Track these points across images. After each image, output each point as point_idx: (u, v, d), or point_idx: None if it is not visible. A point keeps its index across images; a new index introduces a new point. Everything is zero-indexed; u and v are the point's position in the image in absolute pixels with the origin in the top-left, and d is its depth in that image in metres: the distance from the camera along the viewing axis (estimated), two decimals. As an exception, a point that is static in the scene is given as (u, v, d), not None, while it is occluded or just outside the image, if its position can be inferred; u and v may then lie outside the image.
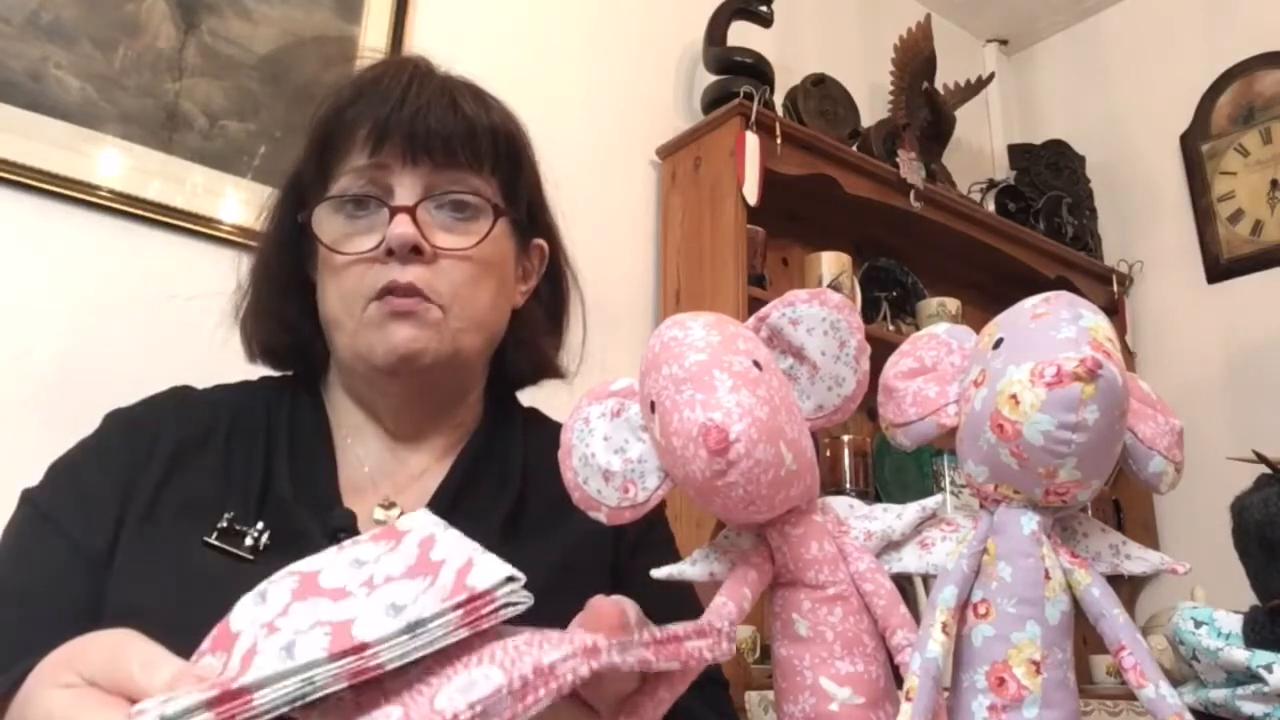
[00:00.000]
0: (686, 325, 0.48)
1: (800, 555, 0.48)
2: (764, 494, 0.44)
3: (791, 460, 0.45)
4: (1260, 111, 2.40)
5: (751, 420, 0.43)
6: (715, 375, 0.44)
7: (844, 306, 0.51)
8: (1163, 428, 0.51)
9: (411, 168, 0.72)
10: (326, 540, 0.69)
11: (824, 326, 0.50)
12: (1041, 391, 0.44)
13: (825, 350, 0.50)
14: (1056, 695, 0.46)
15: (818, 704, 0.46)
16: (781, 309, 0.51)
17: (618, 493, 0.49)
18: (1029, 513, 0.48)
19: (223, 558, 0.67)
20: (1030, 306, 0.49)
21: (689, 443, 0.43)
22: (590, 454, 0.49)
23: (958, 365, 0.54)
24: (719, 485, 0.43)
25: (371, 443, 0.79)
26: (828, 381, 0.51)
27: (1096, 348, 0.45)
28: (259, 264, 0.81)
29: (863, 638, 0.47)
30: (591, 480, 0.49)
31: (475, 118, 0.75)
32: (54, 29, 1.35)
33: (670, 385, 0.45)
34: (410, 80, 0.74)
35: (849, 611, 0.48)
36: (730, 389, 0.44)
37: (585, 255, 0.99)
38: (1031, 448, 0.45)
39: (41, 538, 0.68)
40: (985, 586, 0.48)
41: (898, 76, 2.32)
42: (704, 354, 0.45)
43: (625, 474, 0.48)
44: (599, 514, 0.50)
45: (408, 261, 0.70)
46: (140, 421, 0.75)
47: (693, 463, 0.43)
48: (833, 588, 0.48)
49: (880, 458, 2.04)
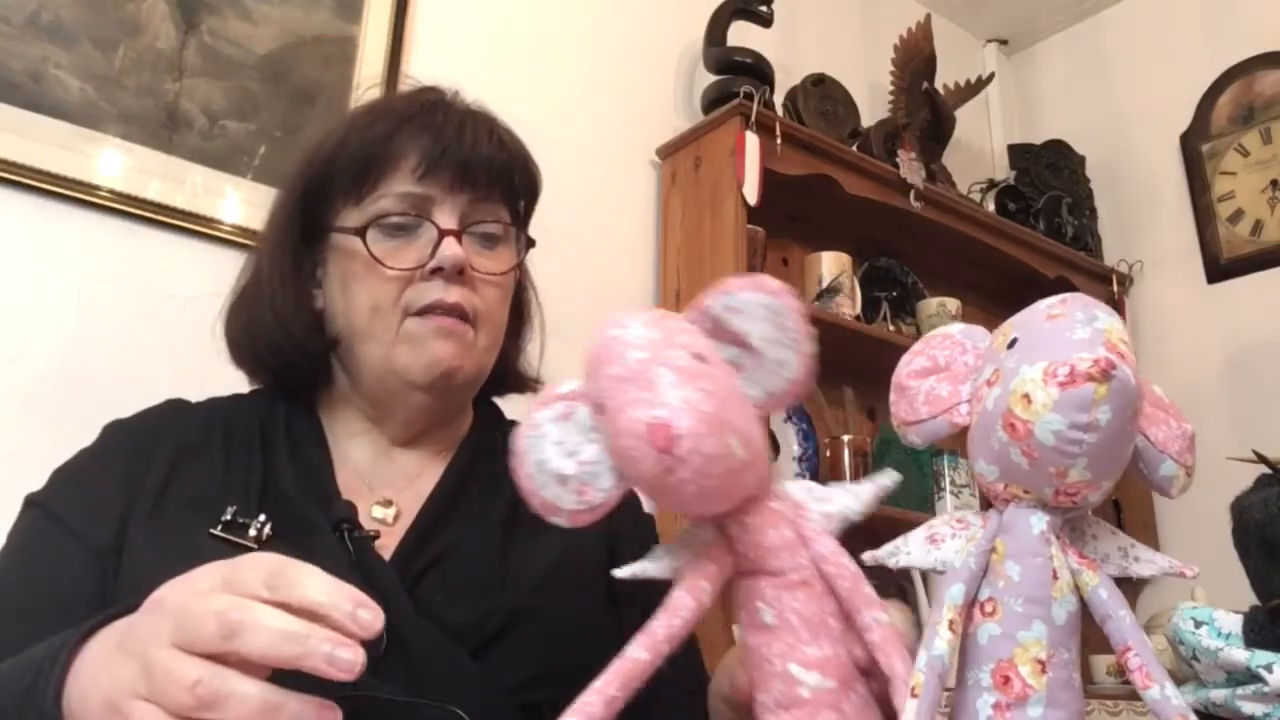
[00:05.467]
0: (625, 324, 0.47)
1: (759, 543, 0.48)
2: (716, 486, 0.44)
3: (741, 450, 0.45)
4: (1260, 111, 2.40)
5: (697, 415, 0.43)
6: (657, 372, 0.44)
7: (781, 291, 0.50)
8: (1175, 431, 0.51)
9: (454, 194, 0.77)
10: (331, 530, 0.70)
11: (763, 313, 0.50)
12: (1054, 391, 0.44)
13: (767, 336, 0.50)
14: (1062, 695, 0.46)
15: (788, 691, 0.46)
16: (719, 298, 0.50)
17: (574, 496, 0.48)
18: (1038, 512, 0.48)
19: (229, 548, 0.68)
20: (1045, 307, 0.49)
21: (637, 442, 0.43)
22: (543, 460, 0.48)
23: (971, 365, 0.54)
24: (670, 482, 0.43)
25: (368, 447, 0.81)
26: (772, 367, 0.50)
27: (1111, 349, 0.44)
28: (261, 266, 0.82)
29: (828, 621, 0.47)
30: (548, 486, 0.49)
31: (515, 153, 0.82)
32: (54, 29, 1.35)
33: (613, 385, 0.45)
34: (464, 120, 0.80)
35: (812, 596, 0.48)
36: (673, 384, 0.43)
37: (585, 255, 1.00)
38: (1042, 447, 0.45)
39: (50, 536, 0.70)
40: (993, 585, 0.48)
41: (898, 76, 2.32)
42: (644, 351, 0.45)
43: (580, 477, 0.48)
44: (559, 519, 0.49)
45: (453, 281, 0.75)
46: (139, 430, 0.77)
47: (642, 461, 0.43)
48: (794, 573, 0.48)
49: (880, 458, 2.03)
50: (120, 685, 0.45)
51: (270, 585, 0.44)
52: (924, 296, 2.26)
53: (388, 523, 0.76)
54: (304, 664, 0.42)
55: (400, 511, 0.77)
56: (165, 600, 0.47)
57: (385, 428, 0.81)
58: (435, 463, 0.81)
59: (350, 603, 0.44)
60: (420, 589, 0.70)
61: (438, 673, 0.64)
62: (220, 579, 0.46)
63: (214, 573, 0.47)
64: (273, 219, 0.83)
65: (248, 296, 0.82)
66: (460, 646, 0.67)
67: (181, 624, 0.44)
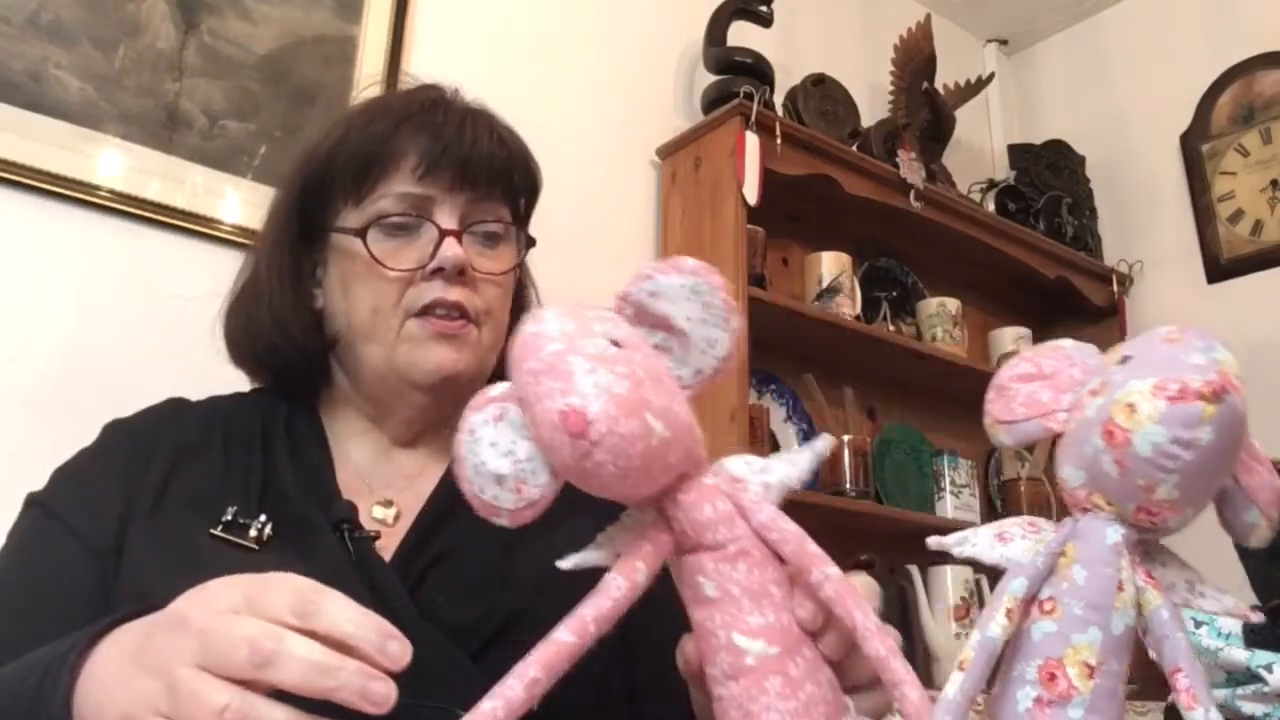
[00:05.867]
0: (541, 319, 0.48)
1: (695, 519, 0.48)
2: (637, 466, 0.44)
3: (663, 429, 0.45)
4: (1260, 111, 2.40)
5: (609, 397, 0.43)
6: (570, 361, 0.44)
7: (701, 269, 0.50)
8: (1266, 481, 0.51)
9: (454, 194, 0.77)
10: (332, 530, 0.70)
11: (684, 293, 0.50)
12: (1161, 404, 0.44)
13: (690, 316, 0.50)
14: (1104, 704, 0.46)
15: (734, 660, 0.46)
16: (639, 284, 0.51)
17: (512, 495, 0.48)
18: (1115, 525, 0.48)
19: (229, 548, 0.68)
20: (1164, 331, 0.49)
21: (553, 431, 0.44)
22: (480, 463, 0.48)
23: (1076, 378, 0.54)
24: (588, 466, 0.43)
25: (368, 448, 0.81)
26: (700, 346, 0.51)
27: (1224, 378, 0.45)
28: (260, 266, 0.82)
29: (769, 589, 0.48)
30: (487, 488, 0.49)
31: (515, 151, 0.82)
32: (54, 29, 1.35)
33: (531, 380, 0.45)
34: (463, 119, 0.79)
35: (752, 565, 0.48)
36: (586, 372, 0.44)
37: (585, 255, 1.00)
38: (1137, 458, 0.45)
39: (50, 535, 0.70)
40: (1055, 586, 0.48)
41: (898, 76, 2.32)
42: (559, 343, 0.46)
43: (515, 475, 0.48)
44: (500, 519, 0.49)
45: (453, 282, 0.75)
46: (139, 429, 0.77)
47: (560, 450, 0.44)
48: (733, 544, 0.48)
49: (880, 458, 2.03)
50: (141, 701, 0.45)
51: (298, 612, 0.44)
52: (924, 296, 2.26)
53: (388, 523, 0.76)
54: (336, 696, 0.42)
55: (400, 512, 0.77)
56: (188, 617, 0.46)
57: (385, 427, 0.81)
58: (435, 462, 0.81)
59: (378, 634, 0.44)
60: (421, 590, 0.70)
61: (439, 675, 0.64)
62: (243, 599, 0.45)
63: (235, 590, 0.46)
64: (271, 218, 0.83)
65: (246, 296, 0.82)
66: (461, 647, 0.67)
67: (209, 647, 0.44)
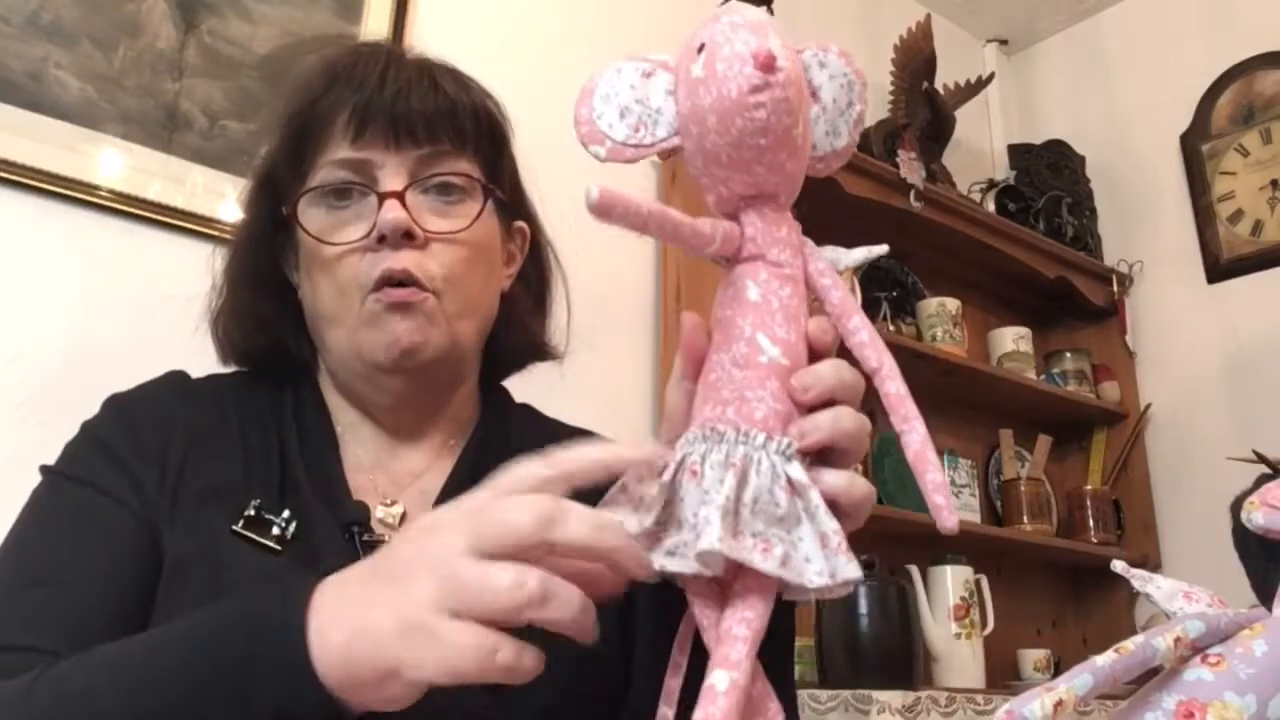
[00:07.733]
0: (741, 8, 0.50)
1: (771, 233, 0.50)
2: (778, 135, 0.47)
3: (803, 130, 0.48)
4: (1260, 111, 2.40)
5: (794, 64, 0.47)
6: (770, 30, 0.47)
7: (863, 76, 0.54)
8: None
9: (395, 152, 0.71)
10: (341, 534, 0.68)
11: (842, 80, 0.53)
12: None
13: (836, 99, 0.53)
14: None
15: (750, 354, 0.48)
16: (816, 50, 0.53)
17: (628, 129, 0.51)
18: None
19: (251, 549, 0.66)
20: None
21: (735, 61, 0.46)
22: (614, 91, 0.51)
23: None
24: (750, 101, 0.45)
25: (368, 441, 0.77)
26: (827, 128, 0.53)
27: None
28: (233, 262, 0.80)
29: (800, 316, 0.50)
30: (606, 114, 0.51)
31: (457, 98, 0.74)
32: (54, 29, 1.35)
33: (728, 28, 0.47)
34: (387, 64, 0.72)
35: (796, 292, 0.50)
36: (780, 40, 0.47)
37: (585, 255, 0.99)
38: None
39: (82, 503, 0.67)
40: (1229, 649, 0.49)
41: (898, 76, 2.32)
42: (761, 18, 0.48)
43: (640, 116, 0.51)
44: (599, 148, 0.52)
45: (399, 247, 0.69)
46: (149, 403, 0.74)
47: (733, 80, 0.46)
48: (789, 268, 0.50)
49: (880, 458, 2.04)
50: (418, 603, 0.43)
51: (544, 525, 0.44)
52: (924, 296, 2.26)
53: (393, 525, 0.72)
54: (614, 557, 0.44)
55: (406, 512, 0.74)
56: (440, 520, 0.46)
57: (375, 418, 0.77)
58: (440, 459, 0.77)
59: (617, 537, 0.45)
60: None
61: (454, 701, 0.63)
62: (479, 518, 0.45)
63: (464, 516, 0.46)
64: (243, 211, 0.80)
65: (221, 295, 0.80)
66: None
67: (482, 530, 0.43)
